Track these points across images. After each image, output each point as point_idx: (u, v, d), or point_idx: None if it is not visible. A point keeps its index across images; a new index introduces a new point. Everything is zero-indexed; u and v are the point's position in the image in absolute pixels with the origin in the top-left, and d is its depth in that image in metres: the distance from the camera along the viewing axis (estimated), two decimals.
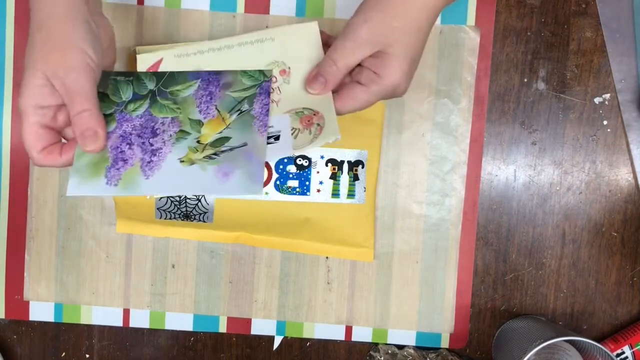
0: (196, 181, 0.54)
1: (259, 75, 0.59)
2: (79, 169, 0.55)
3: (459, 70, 0.68)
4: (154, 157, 0.56)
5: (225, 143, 0.56)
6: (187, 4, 0.68)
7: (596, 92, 0.69)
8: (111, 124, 0.57)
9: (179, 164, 0.55)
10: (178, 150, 0.56)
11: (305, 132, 0.57)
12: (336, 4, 0.68)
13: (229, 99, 0.58)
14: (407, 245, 0.69)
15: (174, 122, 0.57)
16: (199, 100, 0.58)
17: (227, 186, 0.54)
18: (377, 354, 0.70)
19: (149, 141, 0.56)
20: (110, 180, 0.55)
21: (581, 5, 0.68)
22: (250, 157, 0.55)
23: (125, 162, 0.55)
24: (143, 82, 0.59)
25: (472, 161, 0.69)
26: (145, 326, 0.71)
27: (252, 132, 0.56)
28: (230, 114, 0.57)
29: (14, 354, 0.72)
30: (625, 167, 0.69)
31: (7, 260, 0.70)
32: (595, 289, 0.70)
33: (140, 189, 0.54)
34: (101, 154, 0.55)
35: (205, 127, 0.57)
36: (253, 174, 0.54)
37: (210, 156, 0.55)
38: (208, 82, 0.59)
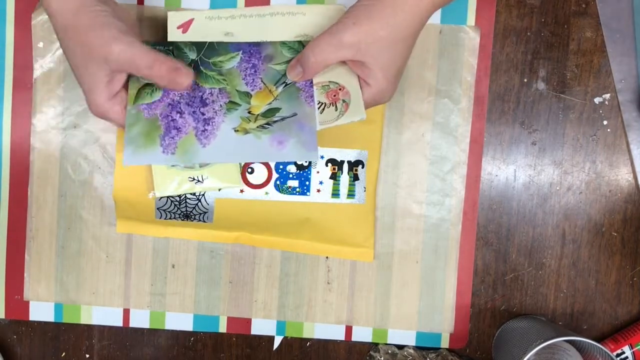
0: (253, 149, 0.56)
1: (299, 47, 0.61)
2: (132, 139, 0.55)
3: (459, 70, 0.68)
4: (208, 126, 0.57)
5: (277, 113, 0.57)
6: (188, 4, 0.68)
7: (596, 92, 0.69)
8: (156, 93, 0.57)
9: (234, 133, 0.57)
10: (231, 120, 0.57)
11: (331, 108, 0.58)
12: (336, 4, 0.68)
13: (273, 72, 0.59)
14: (407, 245, 0.69)
15: (222, 93, 0.58)
16: (243, 72, 0.59)
17: (284, 153, 0.56)
18: (377, 354, 0.70)
19: (199, 110, 0.57)
20: (166, 149, 0.56)
21: (581, 5, 0.68)
22: (302, 126, 0.57)
23: (179, 131, 0.56)
24: (184, 52, 0.59)
25: (472, 161, 0.69)
26: (145, 326, 0.71)
27: (300, 102, 0.58)
28: (276, 86, 0.59)
29: (14, 354, 0.72)
30: (625, 167, 0.69)
31: (7, 260, 0.70)
32: (595, 289, 0.70)
33: (199, 157, 0.56)
34: (152, 122, 0.56)
35: (254, 99, 0.58)
36: (307, 142, 0.56)
37: (264, 126, 0.57)
38: (250, 55, 0.60)
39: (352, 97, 0.58)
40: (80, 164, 0.69)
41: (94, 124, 0.69)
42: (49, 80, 0.68)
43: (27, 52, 0.68)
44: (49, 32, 0.68)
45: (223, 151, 0.56)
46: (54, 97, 0.69)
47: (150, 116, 0.57)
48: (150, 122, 0.56)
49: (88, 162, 0.69)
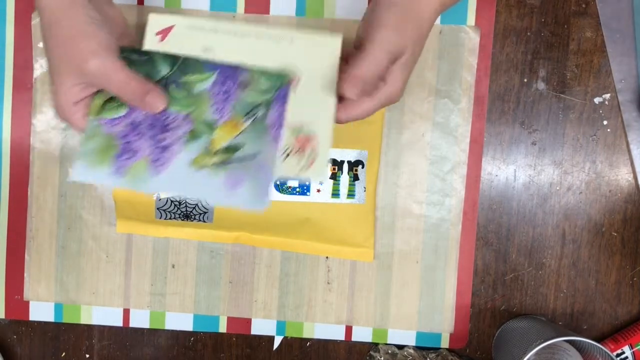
0: (204, 187, 0.53)
1: (278, 78, 0.56)
2: (84, 154, 0.53)
3: (459, 70, 0.68)
4: (164, 154, 0.54)
5: (237, 151, 0.54)
6: (187, 4, 0.68)
7: (596, 92, 0.69)
8: (121, 108, 0.55)
9: (189, 167, 0.54)
10: (189, 151, 0.54)
11: (295, 157, 0.55)
12: (336, 4, 0.68)
13: (245, 101, 0.55)
14: (407, 245, 0.69)
15: (186, 120, 0.55)
16: (214, 98, 0.55)
17: (234, 198, 0.53)
18: (377, 354, 0.70)
19: (159, 136, 0.55)
20: (117, 171, 0.53)
21: (581, 5, 0.68)
22: (260, 170, 0.54)
23: (134, 154, 0.54)
24: (156, 65, 0.55)
25: (472, 161, 0.69)
26: (145, 326, 0.71)
27: (265, 142, 0.54)
28: (244, 119, 0.55)
29: (14, 354, 0.72)
30: (625, 167, 0.69)
31: (7, 260, 0.70)
32: (595, 289, 0.70)
33: (147, 186, 0.53)
34: (109, 139, 0.54)
35: (219, 131, 0.55)
36: (260, 188, 0.53)
37: (221, 163, 0.54)
38: (225, 77, 0.56)
39: (320, 154, 0.54)
40: None
41: None
42: (49, 81, 0.68)
43: (27, 52, 0.68)
44: None
45: (173, 184, 0.53)
46: None
47: (109, 132, 0.54)
48: (108, 139, 0.54)
49: None
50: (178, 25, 0.57)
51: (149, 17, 0.57)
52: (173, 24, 0.57)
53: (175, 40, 0.56)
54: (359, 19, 0.68)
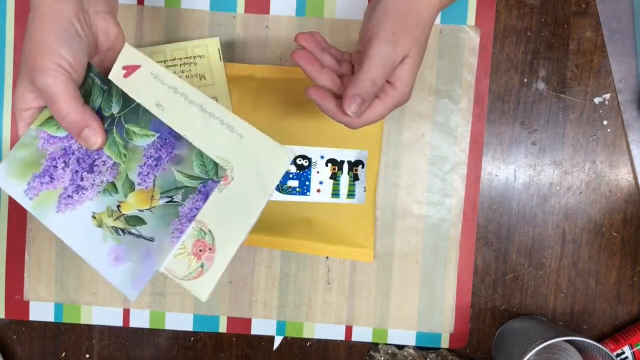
0: (91, 247, 0.52)
1: (212, 168, 0.52)
2: (11, 161, 0.52)
3: (459, 70, 0.68)
4: (76, 194, 0.53)
5: (137, 226, 0.52)
6: (187, 4, 0.68)
7: (596, 92, 0.69)
8: (62, 131, 0.53)
9: (90, 219, 0.52)
10: (97, 203, 0.52)
11: (185, 260, 0.51)
12: (336, 4, 0.68)
13: (170, 177, 0.52)
14: (407, 245, 0.69)
15: (112, 170, 0.53)
16: (145, 158, 0.53)
17: (110, 273, 0.52)
18: (377, 354, 0.70)
19: (82, 174, 0.53)
20: (29, 191, 0.52)
21: (581, 5, 0.68)
22: (147, 257, 0.51)
23: (51, 181, 0.53)
24: (111, 100, 0.53)
25: (472, 161, 0.69)
26: (145, 326, 0.71)
27: (167, 231, 0.52)
28: (160, 196, 0.52)
29: (14, 354, 0.72)
30: (625, 167, 0.69)
31: (7, 260, 0.70)
32: (595, 289, 0.70)
33: (46, 218, 0.52)
34: (37, 156, 0.52)
35: (133, 196, 0.52)
36: (138, 276, 0.51)
37: (118, 230, 0.52)
38: (163, 144, 0.53)
39: (212, 270, 0.51)
40: None
41: None
42: None
43: None
44: None
45: (67, 229, 0.52)
46: None
47: (42, 149, 0.52)
48: (37, 155, 0.52)
49: None
50: (144, 67, 0.53)
51: (125, 45, 0.54)
52: (140, 64, 0.54)
53: (135, 82, 0.53)
54: (359, 19, 0.68)
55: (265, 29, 0.68)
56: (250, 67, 0.68)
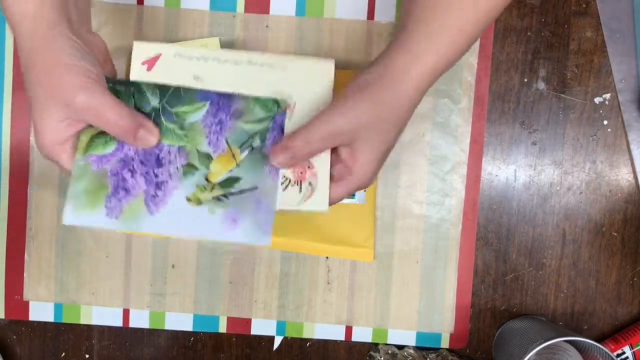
0: (203, 224, 0.51)
1: (273, 105, 0.53)
2: (75, 195, 0.50)
3: (459, 70, 0.68)
4: (159, 190, 0.52)
5: (235, 184, 0.52)
6: (187, 4, 0.68)
7: (596, 92, 0.69)
8: (110, 143, 0.51)
9: (186, 203, 0.52)
10: (185, 186, 0.52)
11: (295, 188, 0.53)
12: (336, 4, 0.68)
13: (240, 131, 0.53)
14: (407, 245, 0.69)
15: (181, 153, 0.52)
16: (208, 129, 0.53)
17: (235, 233, 0.51)
18: (377, 354, 0.70)
19: (153, 171, 0.52)
20: (111, 212, 0.51)
21: (581, 5, 0.68)
22: (259, 204, 0.52)
23: (128, 193, 0.51)
24: (145, 96, 0.52)
25: (472, 161, 0.69)
26: (145, 326, 0.71)
27: (264, 174, 0.52)
28: (240, 150, 0.53)
29: (14, 354, 0.72)
30: (625, 167, 0.69)
31: (7, 260, 0.70)
32: (596, 289, 0.70)
33: (144, 225, 0.51)
34: (99, 178, 0.51)
35: (215, 164, 0.53)
36: (262, 223, 0.51)
37: (219, 197, 0.52)
38: (218, 107, 0.53)
39: (319, 183, 0.53)
40: None
41: None
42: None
43: None
44: None
45: (171, 222, 0.51)
46: None
47: (99, 170, 0.51)
48: (98, 178, 0.51)
49: None
50: (165, 53, 0.54)
51: (133, 45, 0.54)
52: (159, 52, 0.54)
53: (162, 70, 0.54)
54: (359, 19, 0.68)
55: (265, 29, 0.68)
56: None
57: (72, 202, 0.50)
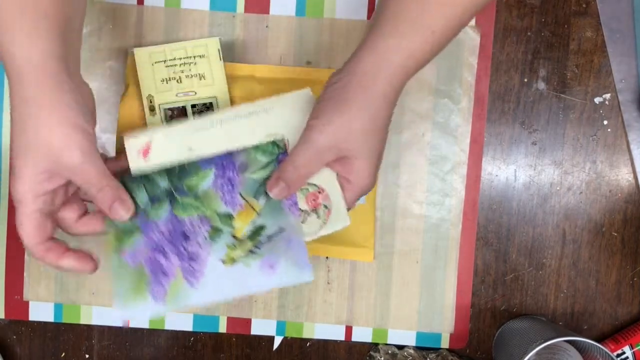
0: (244, 280, 0.53)
1: (273, 148, 0.55)
2: (119, 293, 0.53)
3: (459, 70, 0.68)
4: (194, 262, 0.53)
5: (262, 232, 0.54)
6: (187, 4, 0.68)
7: (596, 92, 0.69)
8: (136, 235, 0.53)
9: (222, 265, 0.53)
10: (216, 250, 0.53)
11: (312, 216, 0.54)
12: (336, 4, 0.68)
13: (251, 182, 0.55)
14: (407, 245, 0.69)
15: (203, 221, 0.54)
16: (220, 191, 0.55)
17: (276, 278, 0.53)
18: (377, 354, 0.70)
19: (182, 246, 0.54)
20: (157, 298, 0.53)
21: (581, 5, 0.68)
22: (289, 242, 0.53)
23: (166, 275, 0.53)
24: (155, 182, 0.54)
25: (472, 161, 0.69)
26: (145, 326, 0.71)
27: (285, 214, 0.54)
28: (257, 199, 0.54)
29: (13, 354, 0.72)
30: (625, 167, 0.69)
31: (6, 260, 0.70)
32: (596, 289, 0.70)
33: (190, 300, 0.53)
34: (138, 271, 0.53)
35: (237, 220, 0.54)
36: (298, 260, 0.53)
37: (251, 250, 0.53)
38: (223, 168, 0.55)
39: (334, 202, 0.53)
40: None
41: None
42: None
43: None
44: None
45: (214, 289, 0.53)
46: None
47: (136, 265, 0.53)
48: (137, 272, 0.53)
49: None
50: (154, 138, 0.55)
51: (124, 141, 0.55)
52: (149, 139, 0.55)
53: (158, 153, 0.55)
54: (359, 19, 0.68)
55: (265, 29, 0.68)
56: (250, 67, 0.68)
57: (119, 297, 0.53)
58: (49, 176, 0.48)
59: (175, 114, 0.67)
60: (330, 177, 0.53)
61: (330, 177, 0.53)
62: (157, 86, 0.66)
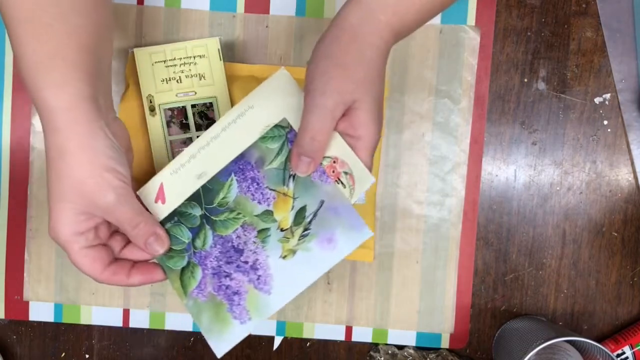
0: (311, 265, 0.53)
1: (278, 130, 0.55)
2: (207, 330, 0.54)
3: (459, 70, 0.68)
4: (258, 270, 0.54)
5: (305, 213, 0.54)
6: (187, 4, 0.68)
7: (596, 92, 0.69)
8: (197, 271, 0.54)
9: (284, 261, 0.53)
10: (272, 249, 0.54)
11: (339, 187, 0.53)
12: (336, 4, 0.68)
13: (273, 172, 0.54)
14: (407, 245, 0.69)
15: (247, 228, 0.54)
16: (249, 194, 0.55)
17: (338, 249, 0.53)
18: (377, 354, 0.70)
19: (240, 261, 0.54)
20: (241, 318, 0.54)
21: (581, 5, 0.68)
22: (336, 210, 0.53)
23: (239, 294, 0.54)
24: (189, 213, 0.55)
25: (472, 161, 0.69)
26: (145, 326, 0.71)
27: (317, 186, 0.53)
28: (286, 185, 0.54)
29: (13, 354, 0.72)
30: (625, 167, 0.69)
31: (7, 260, 0.70)
32: (596, 289, 0.70)
33: (271, 307, 0.53)
34: (212, 301, 0.54)
35: (277, 213, 0.54)
36: (351, 222, 0.53)
37: (303, 234, 0.53)
38: (242, 171, 0.55)
39: (351, 164, 0.53)
40: None
41: None
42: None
43: None
44: None
45: (287, 286, 0.53)
46: None
47: (207, 297, 0.54)
48: (212, 304, 0.54)
49: None
50: (164, 179, 0.56)
51: (140, 196, 0.55)
52: (160, 182, 0.56)
53: (172, 192, 0.56)
54: None
55: (265, 29, 0.68)
56: (250, 67, 0.68)
57: (209, 333, 0.54)
58: (87, 217, 0.50)
59: (176, 114, 0.67)
60: (338, 143, 0.53)
61: (339, 143, 0.53)
62: (157, 86, 0.66)
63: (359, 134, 0.51)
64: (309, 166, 0.52)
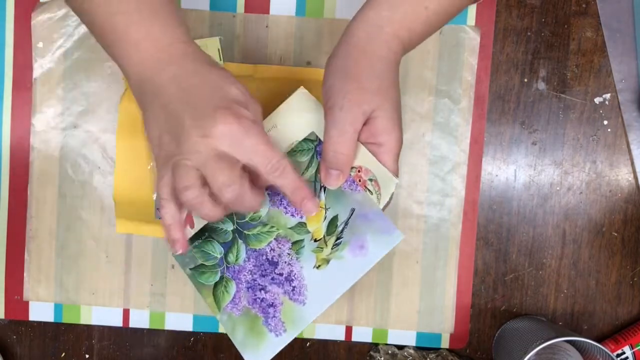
0: (344, 273, 0.54)
1: (307, 144, 0.56)
2: (242, 343, 0.54)
3: (459, 70, 0.68)
4: (293, 282, 0.55)
5: (337, 223, 0.54)
6: (187, 4, 0.68)
7: (596, 92, 0.69)
8: (230, 285, 0.55)
9: (318, 271, 0.54)
10: (306, 260, 0.54)
11: (367, 194, 0.54)
12: (336, 4, 0.68)
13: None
14: (407, 245, 0.69)
15: (281, 241, 0.55)
16: (282, 207, 0.56)
17: (370, 255, 0.54)
18: (377, 354, 0.70)
19: (275, 273, 0.55)
20: (277, 331, 0.55)
21: (581, 5, 0.68)
22: (366, 217, 0.54)
23: (274, 306, 0.55)
24: (221, 229, 0.56)
25: (472, 161, 0.69)
26: (145, 326, 0.71)
27: (347, 195, 0.54)
28: (318, 197, 0.55)
29: (13, 354, 0.72)
30: (625, 167, 0.69)
31: (7, 260, 0.70)
32: (596, 289, 0.70)
33: (306, 318, 0.54)
34: (246, 315, 0.55)
35: (310, 224, 0.55)
36: (382, 227, 0.54)
37: (335, 243, 0.54)
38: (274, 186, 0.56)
39: (374, 170, 0.54)
40: (80, 164, 0.69)
41: (94, 124, 0.69)
42: (49, 80, 0.68)
43: (27, 51, 0.68)
44: (48, 31, 0.68)
45: (322, 296, 0.54)
46: (54, 97, 0.69)
47: (241, 311, 0.55)
48: (246, 318, 0.55)
49: (88, 162, 0.69)
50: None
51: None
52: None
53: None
54: None
55: (265, 28, 0.68)
56: (250, 67, 0.68)
57: (245, 350, 0.54)
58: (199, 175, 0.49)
59: None
60: (359, 152, 0.54)
61: (360, 152, 0.54)
62: None
63: (381, 141, 0.52)
64: (338, 179, 0.54)
